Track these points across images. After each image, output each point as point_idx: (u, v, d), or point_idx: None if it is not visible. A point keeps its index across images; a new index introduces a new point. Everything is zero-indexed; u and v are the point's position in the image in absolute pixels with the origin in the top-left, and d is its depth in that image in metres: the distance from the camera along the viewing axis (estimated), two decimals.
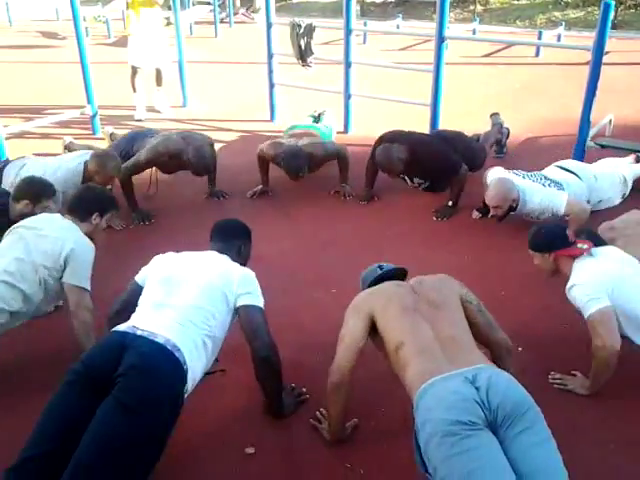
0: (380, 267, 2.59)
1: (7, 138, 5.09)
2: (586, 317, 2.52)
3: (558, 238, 2.76)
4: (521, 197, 3.87)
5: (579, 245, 2.72)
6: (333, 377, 2.23)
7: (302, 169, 4.41)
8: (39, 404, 2.05)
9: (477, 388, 1.92)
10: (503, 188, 3.86)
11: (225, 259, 2.52)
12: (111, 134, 5.45)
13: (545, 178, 4.01)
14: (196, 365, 2.18)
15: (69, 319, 2.71)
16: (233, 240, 2.65)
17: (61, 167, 3.92)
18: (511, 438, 1.86)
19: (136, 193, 4.39)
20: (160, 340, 2.10)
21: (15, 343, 2.82)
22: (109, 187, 4.07)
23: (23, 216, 3.34)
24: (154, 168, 4.52)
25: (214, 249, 2.59)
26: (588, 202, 3.97)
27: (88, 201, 3.00)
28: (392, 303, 2.26)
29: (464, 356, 2.05)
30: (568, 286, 2.64)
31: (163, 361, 2.07)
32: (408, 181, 4.61)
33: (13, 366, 2.83)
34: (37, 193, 3.33)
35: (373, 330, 2.29)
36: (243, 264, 2.61)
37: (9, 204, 3.34)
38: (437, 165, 4.34)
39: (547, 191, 3.89)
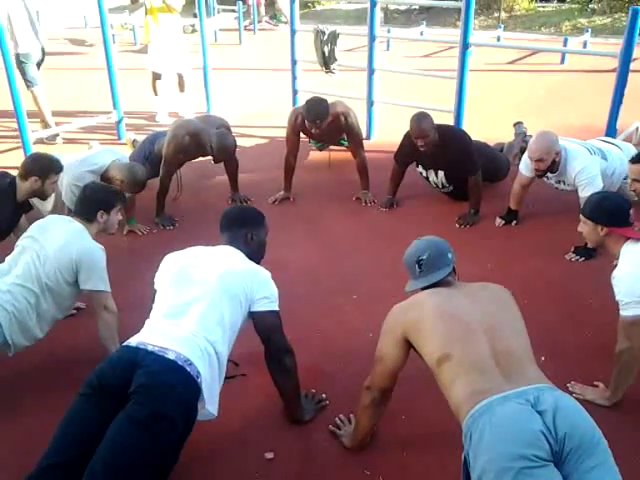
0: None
1: (35, 143, 5.18)
2: (620, 315, 2.41)
3: (622, 215, 2.51)
4: (563, 155, 3.80)
5: (637, 228, 2.54)
6: (370, 395, 2.18)
7: (321, 116, 4.37)
8: (62, 405, 2.09)
9: (540, 413, 1.69)
10: (547, 140, 3.78)
11: (239, 257, 2.43)
12: (133, 141, 5.51)
13: (591, 145, 3.96)
14: (209, 373, 2.15)
15: (94, 320, 2.76)
16: (240, 229, 2.52)
17: (81, 163, 3.91)
18: (580, 474, 1.65)
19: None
20: (171, 356, 2.06)
21: (41, 344, 2.86)
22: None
23: (33, 194, 3.36)
24: (179, 171, 4.56)
25: (224, 240, 2.53)
26: (625, 178, 3.90)
27: (90, 201, 2.93)
28: (433, 314, 2.01)
29: (521, 372, 1.84)
30: (614, 273, 2.45)
31: (174, 378, 2.04)
32: (432, 175, 4.49)
33: (38, 367, 2.88)
34: (45, 168, 3.32)
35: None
36: (257, 255, 2.55)
37: (16, 185, 3.33)
38: (460, 151, 4.23)
39: (592, 159, 3.80)
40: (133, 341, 2.17)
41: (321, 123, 4.38)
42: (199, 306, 2.23)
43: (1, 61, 4.74)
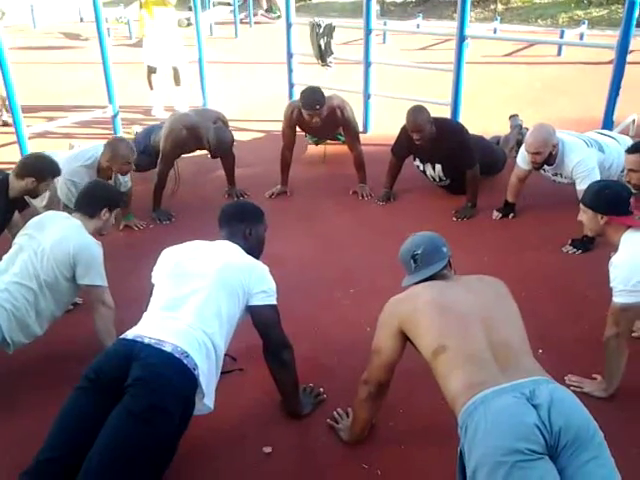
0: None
1: (30, 138, 5.15)
2: (612, 301, 2.42)
3: (621, 203, 2.50)
4: (560, 148, 3.81)
5: (638, 217, 2.52)
6: (367, 388, 2.18)
7: (319, 102, 4.31)
8: (59, 400, 2.08)
9: (535, 406, 1.68)
10: (544, 132, 3.79)
11: (238, 252, 2.42)
12: (136, 133, 5.49)
13: (588, 138, 3.96)
14: (207, 366, 2.14)
15: (91, 315, 2.77)
16: (239, 224, 2.52)
17: (75, 158, 3.92)
18: (575, 467, 1.64)
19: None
20: (167, 348, 2.05)
21: (38, 339, 2.86)
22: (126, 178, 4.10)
23: (26, 193, 3.33)
24: (177, 164, 4.53)
25: (222, 235, 2.52)
26: (622, 171, 3.91)
27: (97, 197, 2.94)
28: (429, 306, 2.02)
29: (517, 364, 1.83)
30: (612, 260, 2.46)
31: (171, 371, 2.03)
32: (429, 168, 4.48)
33: (34, 362, 2.87)
34: (44, 171, 3.28)
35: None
36: (256, 250, 2.54)
37: (8, 182, 3.29)
38: (458, 145, 4.23)
39: (589, 152, 3.81)
40: (130, 334, 2.16)
41: (320, 109, 4.33)
42: (196, 299, 2.22)
43: None
